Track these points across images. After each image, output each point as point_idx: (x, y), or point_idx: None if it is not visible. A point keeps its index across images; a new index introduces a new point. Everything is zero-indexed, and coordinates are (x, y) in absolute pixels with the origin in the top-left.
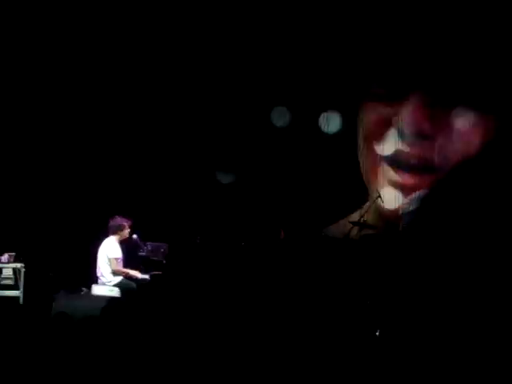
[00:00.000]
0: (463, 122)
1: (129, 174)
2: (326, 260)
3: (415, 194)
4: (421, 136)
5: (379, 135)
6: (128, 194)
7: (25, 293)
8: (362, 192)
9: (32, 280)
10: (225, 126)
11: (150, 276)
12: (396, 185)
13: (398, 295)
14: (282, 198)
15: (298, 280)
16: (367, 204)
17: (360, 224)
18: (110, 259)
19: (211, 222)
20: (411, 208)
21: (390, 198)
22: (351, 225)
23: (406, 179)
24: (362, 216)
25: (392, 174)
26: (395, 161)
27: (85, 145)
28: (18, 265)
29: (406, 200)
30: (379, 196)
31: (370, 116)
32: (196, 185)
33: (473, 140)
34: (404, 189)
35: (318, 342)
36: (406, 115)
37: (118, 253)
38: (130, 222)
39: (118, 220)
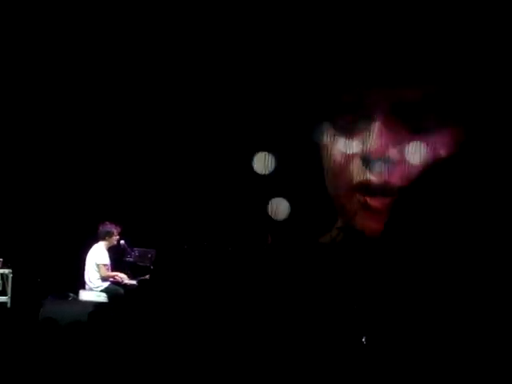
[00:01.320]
0: (427, 143)
1: (117, 180)
2: (313, 264)
3: None
4: (384, 162)
5: (344, 167)
6: (116, 200)
7: (12, 298)
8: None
9: (20, 285)
10: (212, 132)
11: (138, 281)
12: (369, 208)
13: (384, 299)
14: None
15: (286, 284)
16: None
17: (346, 229)
18: (98, 265)
19: (198, 227)
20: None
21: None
22: (338, 230)
23: (377, 203)
24: (348, 221)
25: (363, 200)
26: (363, 189)
27: (72, 150)
28: (6, 270)
29: None
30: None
31: (333, 149)
32: (183, 190)
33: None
34: (376, 211)
35: (306, 346)
36: (370, 142)
37: (106, 259)
38: (119, 229)
39: (108, 226)
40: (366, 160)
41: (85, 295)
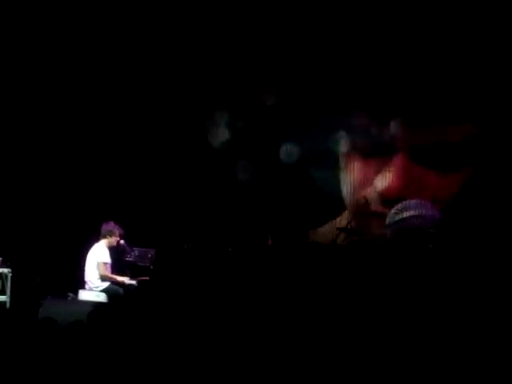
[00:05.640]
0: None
1: (117, 179)
2: (314, 266)
3: (402, 204)
4: (399, 199)
5: (360, 189)
6: (116, 199)
7: (11, 298)
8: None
9: (19, 285)
10: (212, 133)
11: (137, 282)
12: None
13: (385, 301)
14: (269, 205)
15: (286, 286)
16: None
17: (347, 230)
18: (98, 263)
19: (198, 227)
20: (398, 218)
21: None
22: (338, 231)
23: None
24: (349, 222)
25: (370, 222)
26: (372, 214)
27: (72, 150)
28: (5, 270)
29: (393, 210)
30: (366, 201)
31: (353, 168)
32: (183, 191)
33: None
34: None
35: (306, 347)
36: (389, 182)
37: (106, 258)
38: (121, 231)
39: (111, 225)
40: (383, 196)
41: (84, 295)
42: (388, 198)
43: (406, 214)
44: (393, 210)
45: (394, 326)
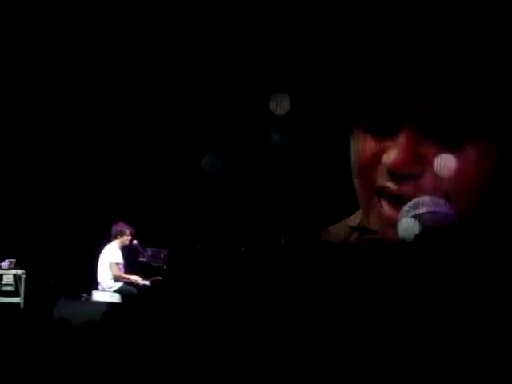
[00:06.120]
0: (455, 160)
1: (129, 180)
2: (326, 265)
3: (415, 201)
4: (408, 176)
5: (369, 168)
6: (129, 200)
7: (25, 299)
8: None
9: (33, 286)
10: (223, 131)
11: (151, 282)
12: (386, 218)
13: (398, 300)
14: (282, 204)
15: (298, 285)
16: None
17: (360, 229)
18: (110, 264)
19: (211, 227)
20: (410, 215)
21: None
22: (351, 230)
23: (388, 209)
24: (362, 221)
25: (377, 202)
26: (380, 193)
27: (84, 150)
28: (19, 271)
29: (406, 207)
30: (379, 202)
31: (360, 147)
32: (197, 190)
33: (466, 179)
34: (387, 218)
35: (318, 347)
36: (394, 155)
37: (119, 258)
38: (131, 229)
39: (120, 225)
40: (390, 170)
41: (98, 296)
42: (394, 172)
43: (419, 211)
44: (405, 207)
45: (409, 326)
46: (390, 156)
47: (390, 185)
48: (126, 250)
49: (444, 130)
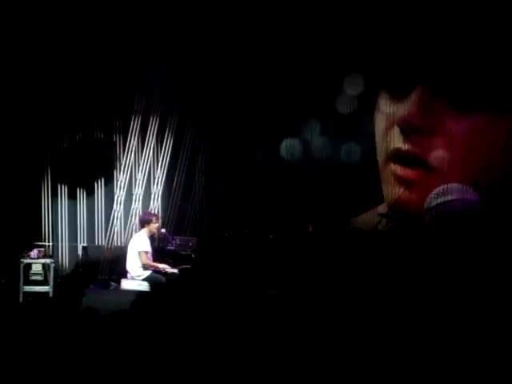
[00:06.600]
0: (467, 122)
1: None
2: (354, 252)
3: (442, 188)
4: (418, 131)
5: (386, 134)
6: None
7: (54, 288)
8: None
9: (61, 275)
10: (249, 119)
11: (179, 270)
12: (399, 180)
13: (427, 286)
14: (310, 192)
15: (326, 272)
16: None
17: (388, 216)
18: (139, 252)
19: (239, 215)
20: (437, 202)
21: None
22: (379, 217)
23: (406, 173)
24: (390, 208)
25: (394, 169)
26: (395, 157)
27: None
28: (48, 260)
29: (432, 194)
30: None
31: (380, 115)
32: (225, 179)
33: (477, 143)
34: (405, 183)
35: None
36: (406, 109)
37: (147, 246)
38: (157, 216)
39: (147, 214)
40: (401, 128)
41: (126, 284)
42: (405, 127)
43: (446, 198)
44: (432, 194)
45: (441, 311)
46: (402, 111)
47: (402, 145)
48: (155, 239)
49: (457, 92)
